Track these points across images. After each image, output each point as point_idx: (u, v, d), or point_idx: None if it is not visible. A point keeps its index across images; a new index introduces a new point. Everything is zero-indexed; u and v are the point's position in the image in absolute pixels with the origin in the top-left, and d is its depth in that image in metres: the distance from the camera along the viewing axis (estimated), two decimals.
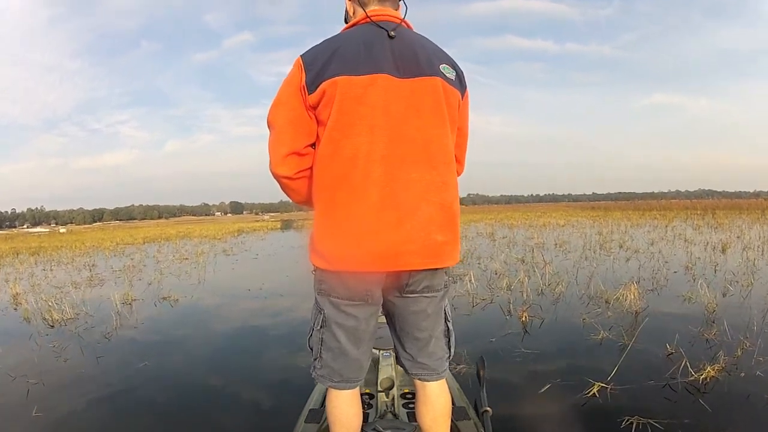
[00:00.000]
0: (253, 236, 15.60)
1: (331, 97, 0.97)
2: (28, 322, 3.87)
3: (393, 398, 1.50)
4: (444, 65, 1.05)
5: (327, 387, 1.12)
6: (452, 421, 1.27)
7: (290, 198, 1.12)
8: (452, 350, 1.17)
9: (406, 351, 1.13)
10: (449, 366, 1.18)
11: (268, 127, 1.04)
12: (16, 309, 4.52)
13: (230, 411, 2.01)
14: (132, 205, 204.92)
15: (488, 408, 1.50)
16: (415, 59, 1.02)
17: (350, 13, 1.12)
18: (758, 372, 2.14)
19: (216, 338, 3.24)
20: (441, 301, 1.10)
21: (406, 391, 1.57)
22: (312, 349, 1.11)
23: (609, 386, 2.03)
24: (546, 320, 3.21)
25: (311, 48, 1.03)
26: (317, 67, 0.98)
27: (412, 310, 1.07)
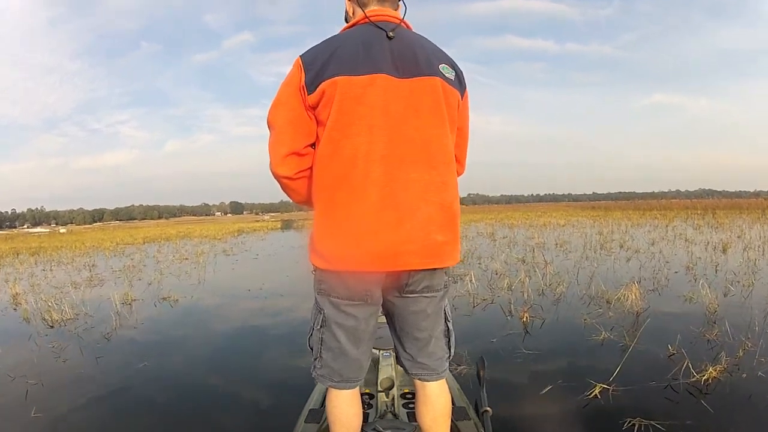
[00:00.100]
0: (253, 236, 15.60)
1: (331, 97, 0.97)
2: (28, 323, 3.87)
3: (393, 398, 1.50)
4: (443, 65, 1.05)
5: (327, 387, 1.12)
6: (452, 422, 1.27)
7: (290, 198, 1.12)
8: (452, 350, 1.16)
9: (406, 351, 1.13)
10: (449, 366, 1.17)
11: (268, 128, 1.04)
12: (16, 309, 4.52)
13: (230, 411, 2.01)
14: (132, 205, 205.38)
15: (488, 408, 1.50)
16: (414, 59, 1.02)
17: (350, 14, 1.12)
18: (760, 372, 2.13)
19: (216, 338, 3.24)
20: (441, 301, 1.10)
21: (406, 391, 1.57)
22: (312, 349, 1.11)
23: (611, 387, 2.02)
24: (547, 320, 3.20)
25: (311, 48, 1.03)
26: (317, 68, 0.98)
27: (412, 310, 1.07)
